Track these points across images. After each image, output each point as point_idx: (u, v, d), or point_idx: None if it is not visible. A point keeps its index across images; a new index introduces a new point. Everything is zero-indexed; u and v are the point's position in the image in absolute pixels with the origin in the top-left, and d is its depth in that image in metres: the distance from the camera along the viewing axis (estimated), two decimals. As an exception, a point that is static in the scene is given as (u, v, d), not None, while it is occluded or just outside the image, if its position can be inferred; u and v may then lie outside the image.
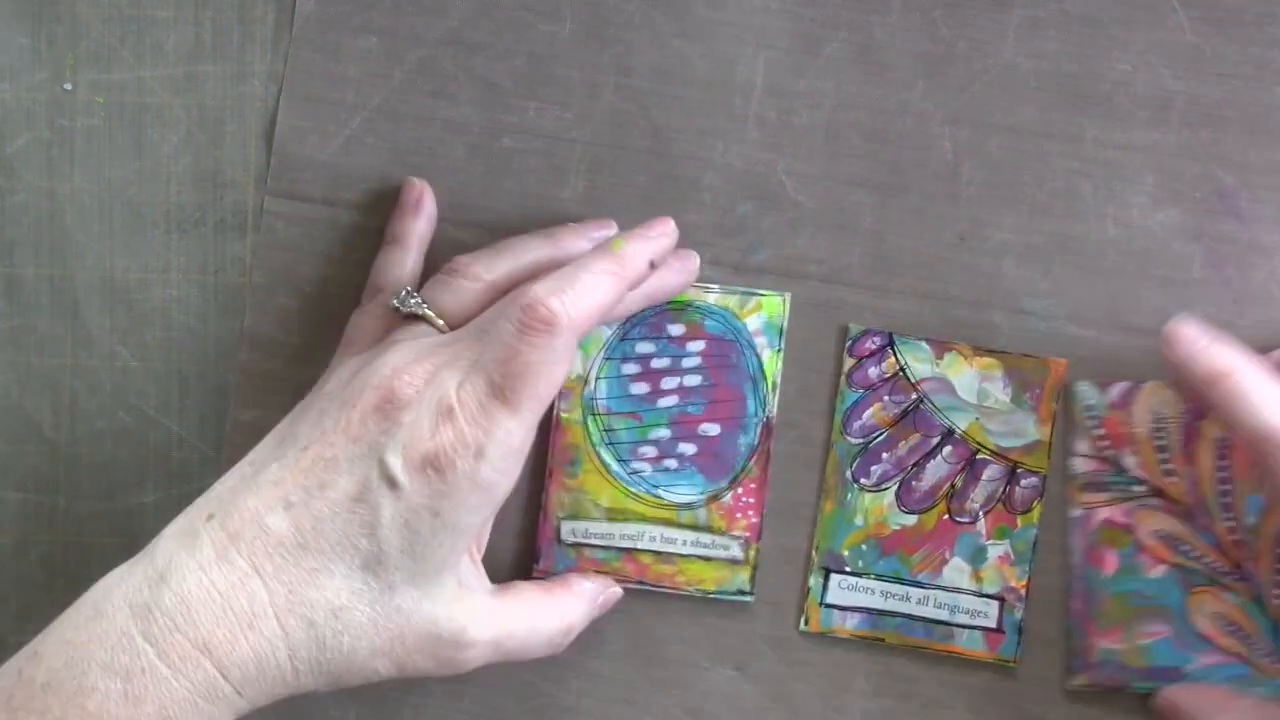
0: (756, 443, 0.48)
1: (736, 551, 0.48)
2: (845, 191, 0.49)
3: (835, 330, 0.48)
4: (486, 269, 0.45)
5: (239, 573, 0.39)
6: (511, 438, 0.40)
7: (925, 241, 0.48)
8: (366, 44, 0.49)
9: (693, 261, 0.47)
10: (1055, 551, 0.48)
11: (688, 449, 0.48)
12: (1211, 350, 0.43)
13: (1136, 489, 0.47)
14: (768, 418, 0.48)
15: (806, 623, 0.48)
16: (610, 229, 0.47)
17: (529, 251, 0.46)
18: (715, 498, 0.48)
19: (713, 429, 0.48)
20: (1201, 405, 0.46)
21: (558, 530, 0.48)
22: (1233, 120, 0.48)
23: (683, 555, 0.48)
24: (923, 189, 0.49)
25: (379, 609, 0.40)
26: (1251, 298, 0.48)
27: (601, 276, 0.42)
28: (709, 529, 0.48)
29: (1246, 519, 0.46)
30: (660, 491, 0.48)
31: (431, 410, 0.40)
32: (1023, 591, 0.48)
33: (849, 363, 0.48)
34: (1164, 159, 0.48)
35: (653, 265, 0.44)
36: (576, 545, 0.48)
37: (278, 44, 0.49)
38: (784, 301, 0.48)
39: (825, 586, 0.48)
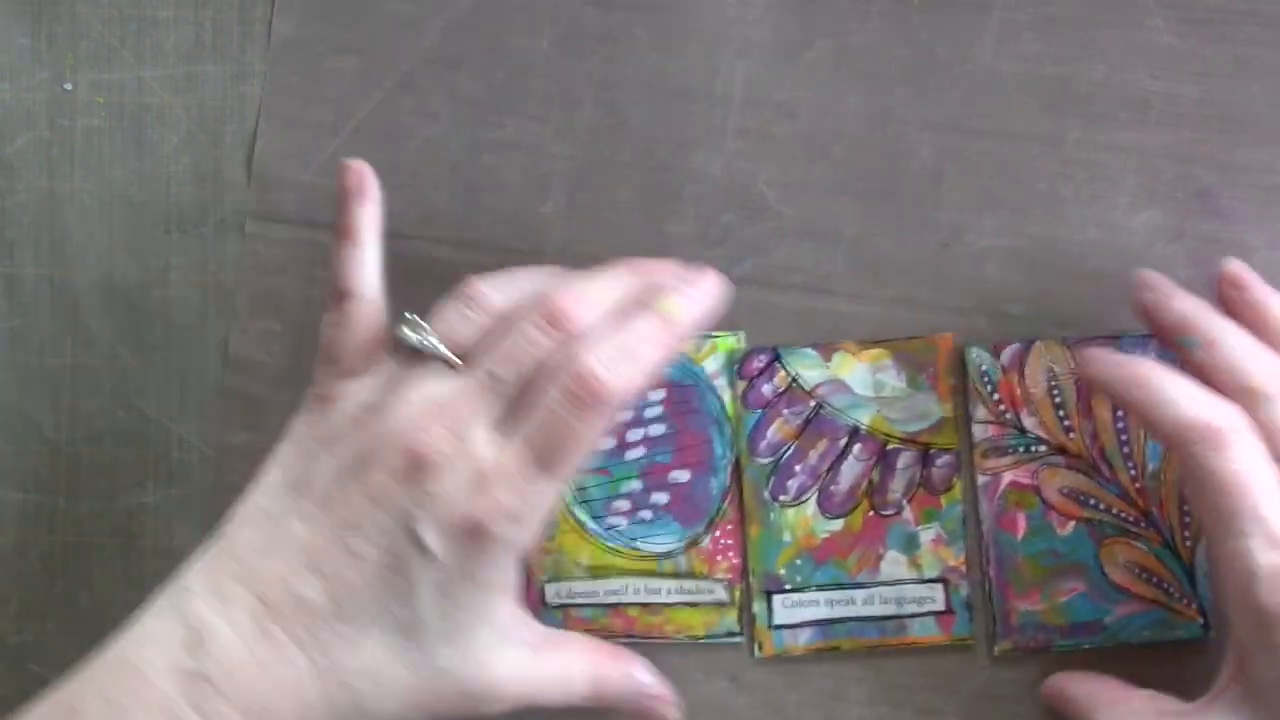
0: (729, 484, 0.48)
1: (721, 594, 0.48)
2: (827, 200, 0.49)
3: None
4: (504, 298, 0.43)
5: (278, 644, 0.39)
6: (549, 501, 0.40)
7: (908, 248, 0.48)
8: (345, 64, 0.49)
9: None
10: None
11: (661, 498, 0.48)
12: (1127, 362, 0.43)
13: (1039, 449, 0.47)
14: (737, 457, 0.48)
15: (760, 649, 0.48)
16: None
17: (545, 285, 0.44)
18: (694, 543, 0.48)
19: (683, 475, 0.48)
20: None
21: (542, 593, 0.48)
22: (1212, 120, 0.48)
23: (668, 604, 0.48)
24: (905, 195, 0.49)
25: (415, 669, 0.40)
26: (1235, 297, 0.48)
27: (652, 346, 0.40)
28: (691, 575, 0.48)
29: (1148, 466, 0.47)
30: (638, 543, 0.48)
31: (465, 475, 0.39)
32: (963, 569, 0.48)
33: (740, 385, 0.48)
34: (1144, 160, 0.48)
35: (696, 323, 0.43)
36: (562, 606, 0.48)
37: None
38: (739, 339, 0.48)
39: (770, 609, 0.48)
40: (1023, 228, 0.48)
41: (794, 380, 0.48)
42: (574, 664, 0.44)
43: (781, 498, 0.48)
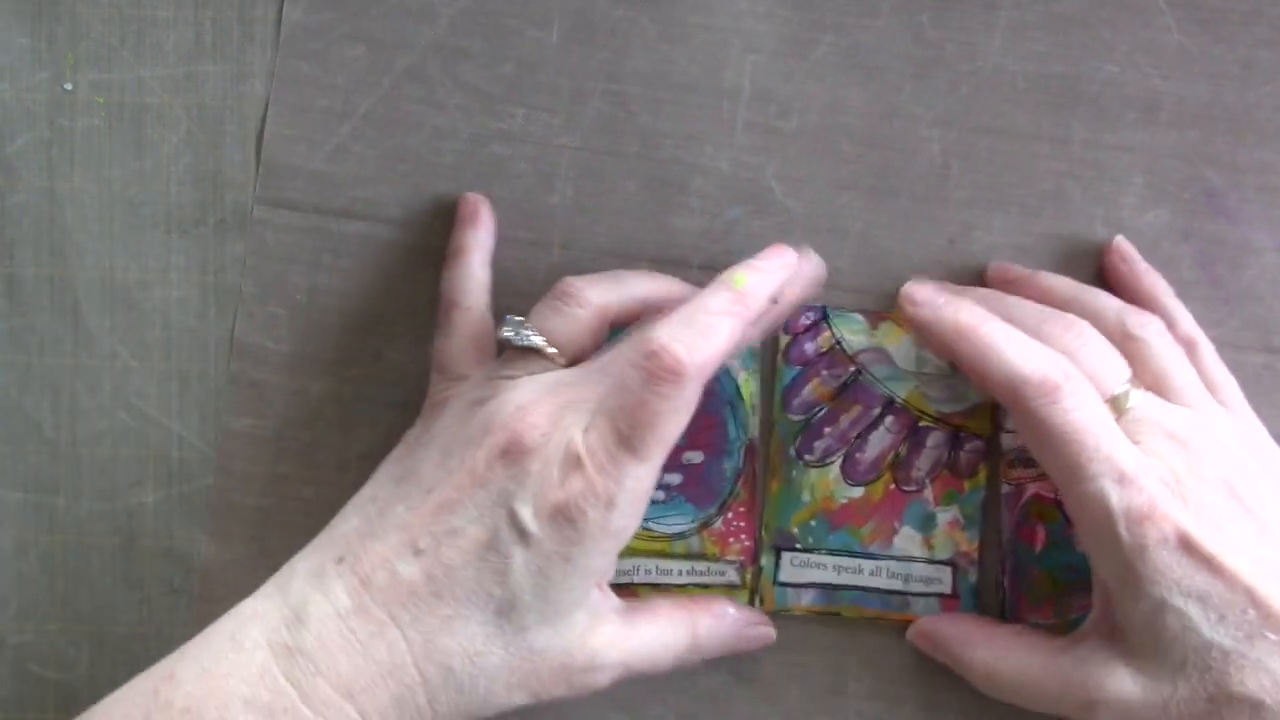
0: (741, 466, 0.48)
1: (733, 576, 0.48)
2: (834, 195, 0.49)
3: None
4: (600, 295, 0.44)
5: (376, 622, 0.40)
6: (640, 484, 0.40)
7: (915, 244, 0.48)
8: (354, 52, 0.49)
9: (808, 274, 0.45)
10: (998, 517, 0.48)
11: (674, 479, 0.48)
12: (955, 305, 0.44)
13: None
14: (750, 440, 0.48)
15: (761, 602, 0.48)
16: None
17: (638, 284, 0.45)
18: (706, 525, 0.48)
19: (696, 457, 0.48)
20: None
21: None
22: (1220, 120, 0.48)
23: (680, 586, 0.48)
24: (912, 192, 0.49)
25: (513, 650, 0.41)
26: (1241, 297, 0.48)
27: (724, 318, 0.41)
28: (703, 556, 0.48)
29: None
30: (651, 524, 0.48)
31: (559, 458, 0.40)
32: (975, 555, 0.48)
33: (784, 340, 0.48)
34: (1152, 159, 0.48)
35: (773, 300, 0.43)
36: None
37: (278, 44, 0.49)
38: None
39: (777, 565, 0.48)
40: (1030, 226, 0.48)
41: (837, 343, 0.48)
42: (667, 624, 0.44)
43: (807, 457, 0.48)
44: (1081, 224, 0.48)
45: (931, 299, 0.44)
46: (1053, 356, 0.42)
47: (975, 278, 0.48)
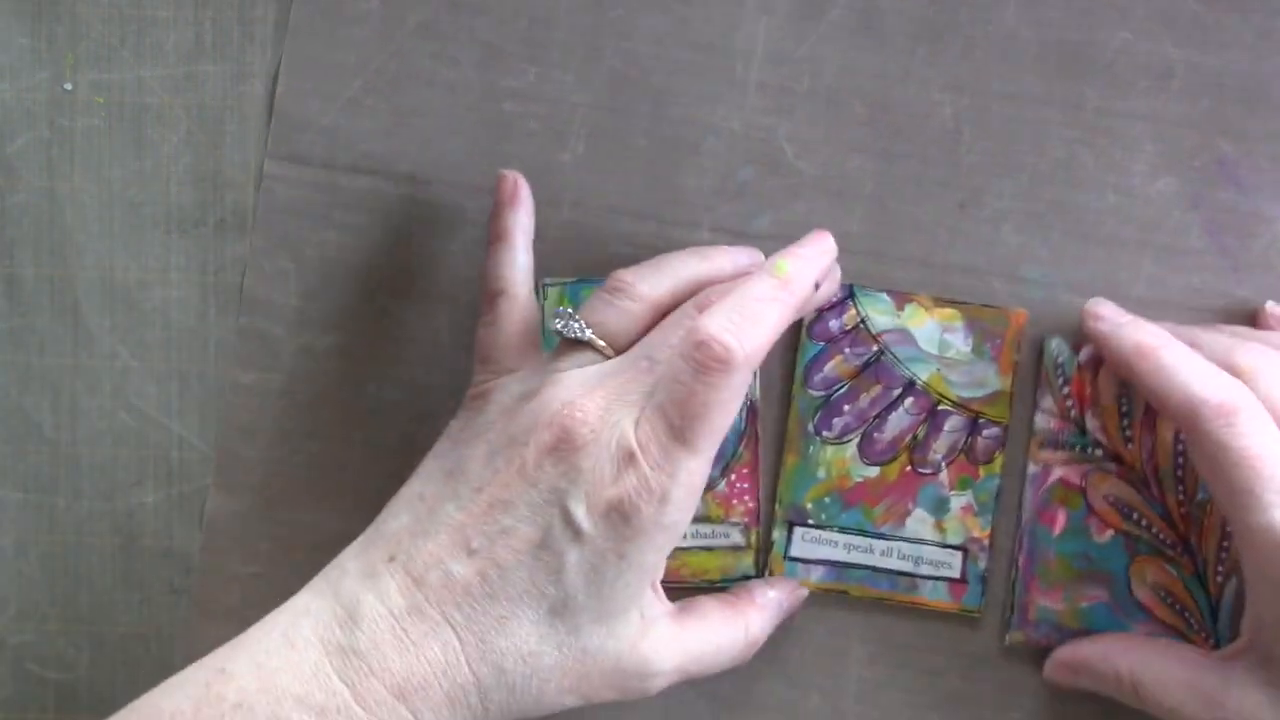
0: (744, 427, 0.48)
1: (738, 538, 0.48)
2: (846, 158, 0.49)
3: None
4: (651, 287, 0.43)
5: (430, 622, 0.40)
6: (693, 477, 0.40)
7: (925, 208, 0.48)
8: (367, 6, 0.49)
9: (838, 270, 0.46)
10: (1017, 501, 0.48)
11: None
12: (1137, 324, 0.44)
13: (1094, 451, 0.47)
14: (752, 402, 0.48)
15: (770, 576, 0.48)
16: (757, 256, 0.46)
17: (687, 268, 0.45)
18: (710, 487, 0.48)
19: None
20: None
21: None
22: (1233, 89, 0.48)
23: (685, 549, 0.48)
24: (923, 156, 0.49)
25: (566, 651, 0.40)
26: (1250, 266, 0.48)
27: (771, 305, 0.41)
28: (707, 519, 0.48)
29: (1198, 494, 0.47)
30: None
31: (612, 454, 0.40)
32: (985, 542, 0.48)
33: (809, 315, 0.48)
34: (1164, 127, 0.48)
35: (816, 285, 0.43)
36: None
37: (278, 44, 0.49)
38: None
39: (789, 540, 0.48)
40: (1040, 191, 0.48)
41: (862, 321, 0.48)
42: (721, 627, 0.44)
43: (825, 433, 0.48)
44: (1092, 191, 0.48)
45: (1114, 315, 0.45)
46: (1232, 382, 0.42)
47: (985, 242, 0.48)
